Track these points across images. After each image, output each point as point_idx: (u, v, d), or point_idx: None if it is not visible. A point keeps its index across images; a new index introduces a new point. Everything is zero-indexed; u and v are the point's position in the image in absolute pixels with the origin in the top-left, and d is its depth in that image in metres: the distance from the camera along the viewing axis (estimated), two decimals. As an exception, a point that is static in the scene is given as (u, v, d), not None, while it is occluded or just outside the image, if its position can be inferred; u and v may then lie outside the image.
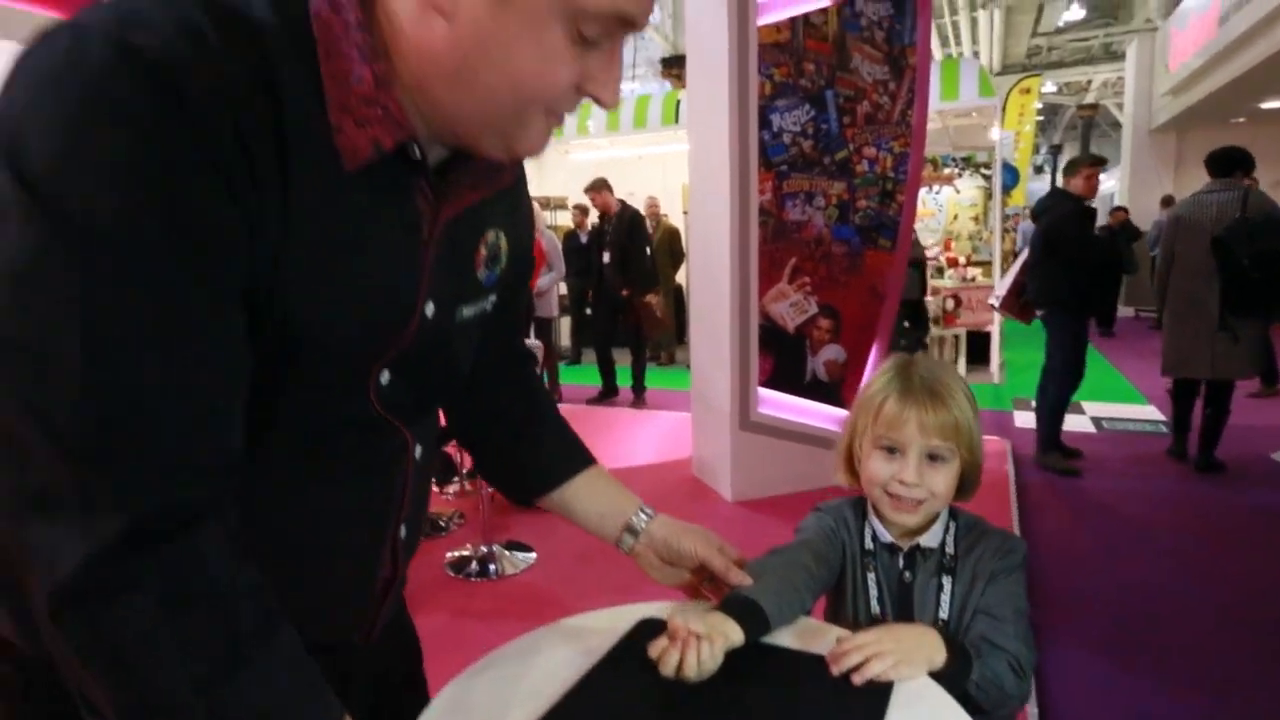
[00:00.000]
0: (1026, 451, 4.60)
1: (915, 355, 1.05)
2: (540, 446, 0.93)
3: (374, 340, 0.63)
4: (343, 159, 0.55)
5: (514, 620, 2.63)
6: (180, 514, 0.50)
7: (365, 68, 0.55)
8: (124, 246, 0.47)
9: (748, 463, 3.76)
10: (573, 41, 0.55)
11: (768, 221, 3.72)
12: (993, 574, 0.97)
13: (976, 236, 11.28)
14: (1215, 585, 2.92)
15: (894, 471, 0.98)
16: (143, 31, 0.47)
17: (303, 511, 0.66)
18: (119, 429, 0.48)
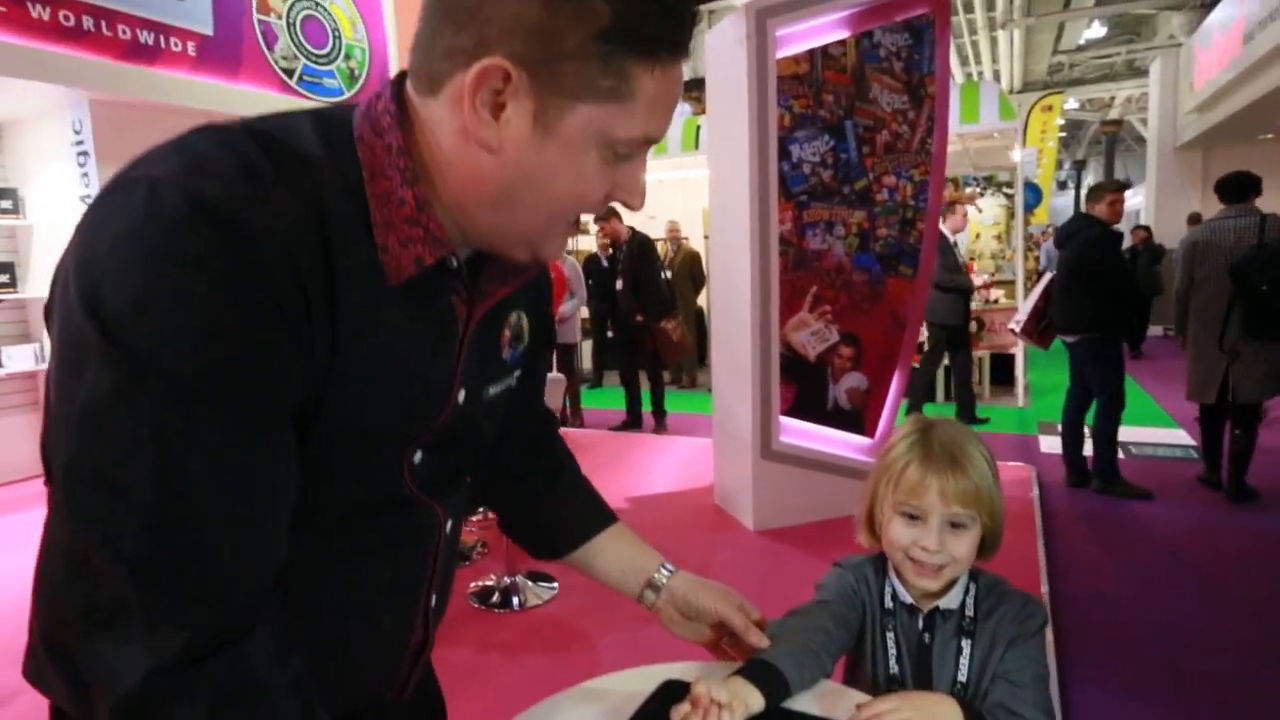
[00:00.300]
0: (1052, 478, 4.55)
1: (935, 419, 1.05)
2: (561, 507, 0.97)
3: (410, 431, 0.67)
4: (387, 274, 0.60)
5: (538, 654, 2.65)
6: (234, 629, 0.54)
7: (407, 190, 0.60)
8: (192, 388, 0.51)
9: (769, 492, 3.75)
10: (605, 162, 0.60)
11: (788, 251, 3.74)
12: (1012, 639, 0.98)
13: (999, 255, 11.21)
14: (1249, 621, 2.87)
15: (915, 537, 0.98)
16: (210, 179, 0.52)
17: (339, 585, 0.69)
18: (183, 555, 0.52)
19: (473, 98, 0.56)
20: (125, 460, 0.50)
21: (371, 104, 0.62)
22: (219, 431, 0.52)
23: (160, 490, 0.51)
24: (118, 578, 0.51)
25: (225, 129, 0.57)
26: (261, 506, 0.55)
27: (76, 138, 4.63)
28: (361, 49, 6.05)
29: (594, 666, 2.59)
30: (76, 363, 0.51)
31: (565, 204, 0.62)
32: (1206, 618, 2.90)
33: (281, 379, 0.55)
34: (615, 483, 4.57)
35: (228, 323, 0.51)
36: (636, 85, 0.57)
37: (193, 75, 4.84)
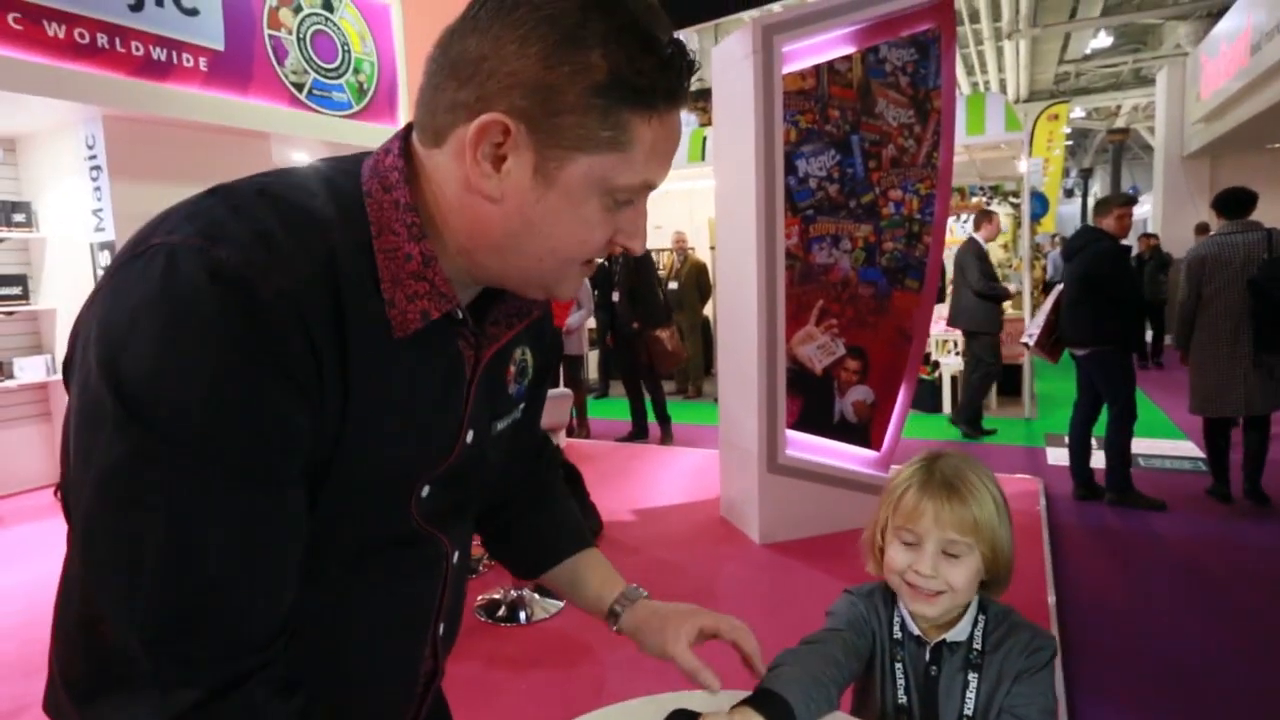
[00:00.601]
0: (1059, 490, 4.54)
1: (943, 452, 1.07)
2: (539, 529, 0.98)
3: (420, 474, 0.69)
4: (393, 328, 0.61)
5: (545, 669, 2.66)
6: (243, 678, 0.55)
7: (414, 245, 0.61)
8: (204, 456, 0.52)
9: (776, 505, 3.76)
10: (606, 209, 0.62)
11: (794, 265, 3.75)
12: (1020, 672, 0.98)
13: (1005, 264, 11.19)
14: (1260, 637, 2.86)
15: (911, 561, 1.00)
16: (225, 246, 0.54)
17: (350, 620, 0.70)
18: (194, 621, 0.53)
19: (474, 150, 0.58)
20: (138, 527, 0.52)
21: (380, 159, 0.64)
22: (230, 497, 0.54)
23: (172, 558, 0.52)
24: (130, 643, 0.53)
25: (238, 191, 0.59)
26: (273, 564, 0.57)
27: (89, 153, 4.68)
28: (370, 63, 6.10)
29: (600, 680, 2.60)
30: (93, 427, 0.52)
31: (569, 250, 0.63)
32: (1216, 633, 2.89)
33: (292, 441, 0.56)
34: (621, 494, 4.58)
35: (239, 391, 0.53)
36: (634, 135, 0.59)
37: (204, 90, 4.89)
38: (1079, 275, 4.07)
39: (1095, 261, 4.01)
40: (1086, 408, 4.32)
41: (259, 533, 0.55)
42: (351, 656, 0.71)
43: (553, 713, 2.39)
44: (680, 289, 7.56)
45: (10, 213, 4.84)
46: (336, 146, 5.98)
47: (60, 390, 5.06)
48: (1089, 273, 4.02)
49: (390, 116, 6.32)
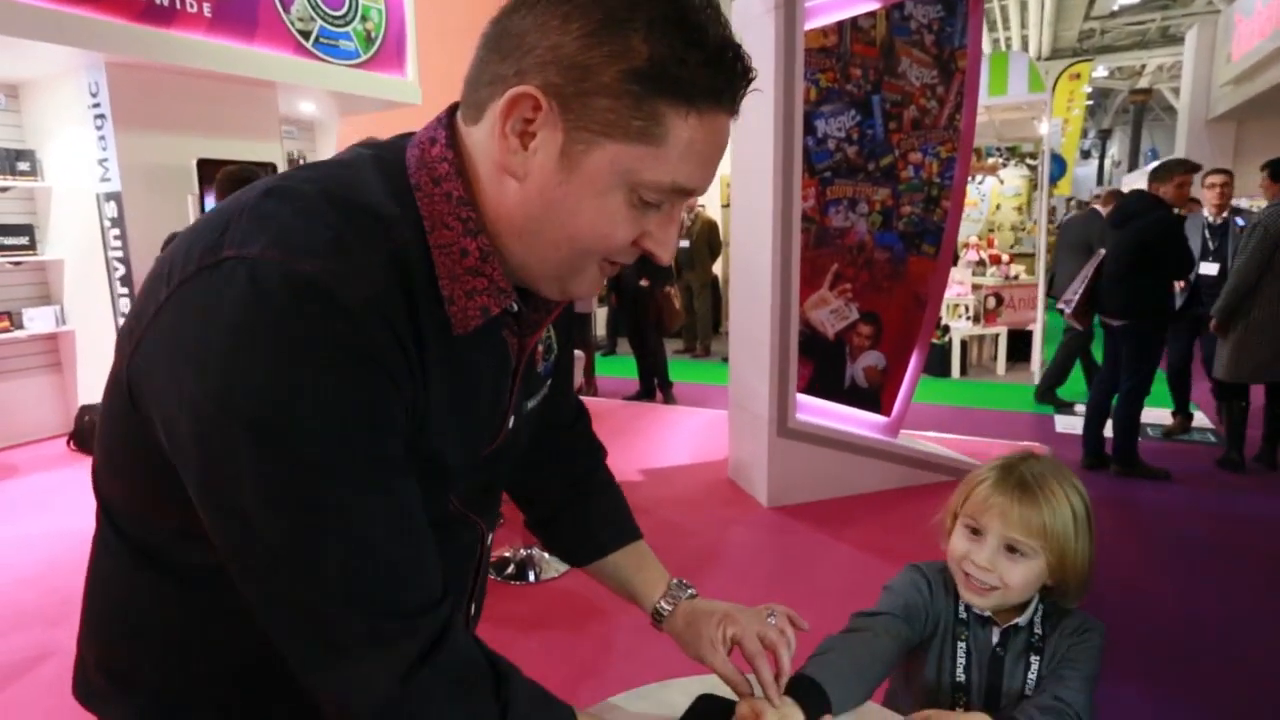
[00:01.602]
0: (1066, 458, 4.54)
1: (1036, 454, 1.05)
2: (589, 515, 0.97)
3: (471, 462, 0.69)
4: (453, 324, 0.61)
5: (555, 627, 2.69)
6: (443, 626, 0.61)
7: (471, 241, 0.60)
8: (342, 462, 0.54)
9: (785, 469, 3.77)
10: (632, 206, 0.60)
11: (810, 228, 3.70)
12: (1071, 645, 1.02)
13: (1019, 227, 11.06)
14: (1268, 606, 2.87)
15: (969, 551, 1.01)
16: (306, 258, 0.53)
17: None
18: (387, 586, 0.58)
19: (503, 123, 0.57)
20: (311, 534, 0.55)
21: (425, 149, 0.62)
22: (372, 488, 0.56)
23: (346, 547, 0.56)
24: (344, 619, 0.56)
25: (301, 195, 0.57)
26: (421, 530, 0.61)
27: (93, 100, 4.59)
28: (379, 10, 5.95)
29: (609, 639, 2.63)
30: (223, 459, 0.53)
31: (588, 242, 0.61)
32: (1223, 603, 2.91)
33: (401, 432, 0.59)
34: (629, 454, 4.60)
35: (359, 396, 0.54)
36: (669, 129, 0.57)
37: (208, 37, 4.78)
38: (1132, 245, 3.87)
39: (1150, 232, 3.84)
40: (1109, 379, 4.24)
41: (405, 510, 0.59)
42: None
43: (563, 671, 2.43)
44: (691, 247, 7.49)
45: (15, 161, 4.77)
46: (344, 97, 5.87)
47: (69, 340, 5.07)
48: (1144, 242, 3.84)
49: (399, 67, 6.18)
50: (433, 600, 0.60)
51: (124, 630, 0.67)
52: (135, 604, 0.66)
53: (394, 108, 6.28)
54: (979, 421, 5.40)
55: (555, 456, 0.95)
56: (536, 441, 0.90)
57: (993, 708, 1.03)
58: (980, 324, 6.94)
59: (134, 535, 0.65)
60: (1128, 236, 3.92)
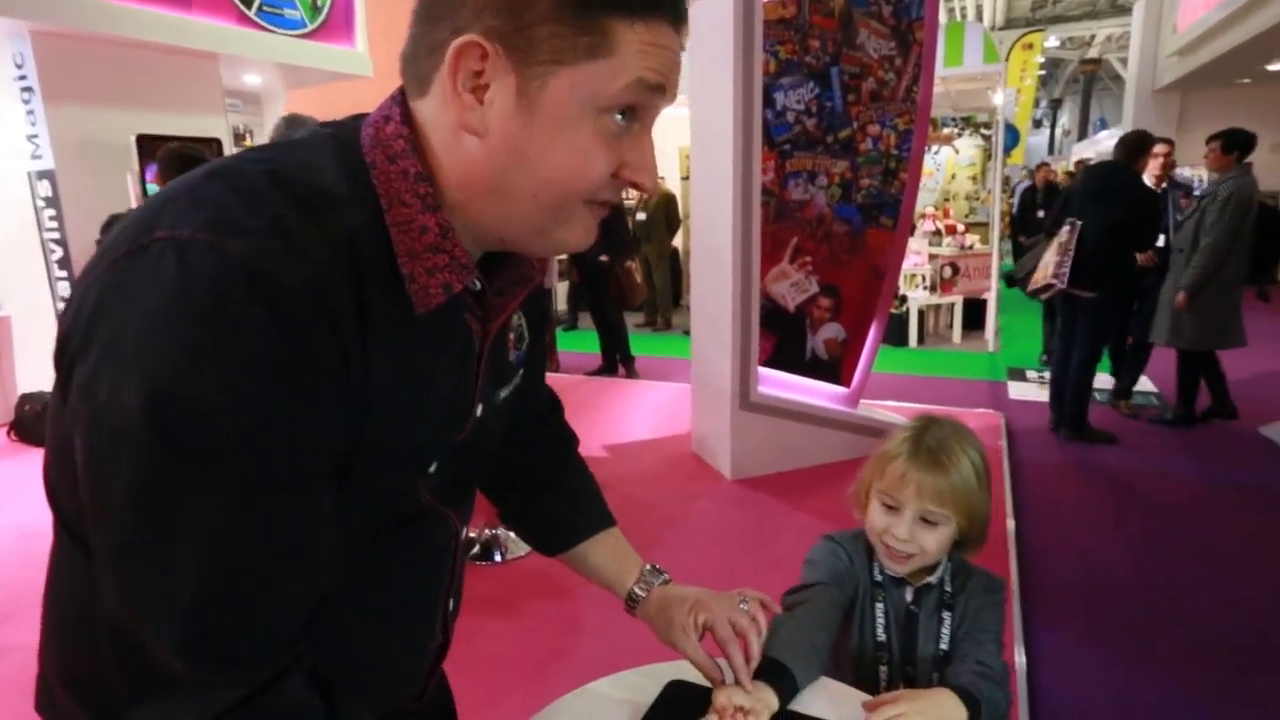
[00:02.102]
0: (1020, 424, 4.66)
1: (935, 419, 1.10)
2: (561, 503, 0.96)
3: (434, 452, 0.67)
4: (414, 304, 0.58)
5: (523, 607, 2.69)
6: (281, 673, 0.55)
7: (430, 217, 0.58)
8: (238, 463, 0.50)
9: (747, 441, 3.80)
10: (603, 134, 0.58)
11: (770, 201, 3.69)
12: (980, 606, 1.09)
13: (974, 197, 11.22)
14: (1207, 565, 3.00)
15: (889, 525, 1.06)
16: (239, 239, 0.49)
17: (363, 604, 0.69)
18: (233, 626, 0.52)
19: (453, 82, 0.55)
20: (177, 545, 0.50)
21: (379, 127, 0.60)
22: (268, 508, 0.52)
23: (212, 571, 0.51)
24: (169, 650, 0.51)
25: (244, 175, 0.54)
26: (309, 564, 0.56)
27: (19, 73, 4.36)
28: (324, -24, 5.74)
29: (577, 617, 2.65)
30: (116, 443, 0.49)
31: (567, 183, 0.58)
32: (1165, 563, 3.03)
33: (325, 443, 0.55)
34: (592, 429, 4.59)
35: (271, 403, 0.50)
36: (618, 38, 0.55)
37: (144, 5, 4.56)
38: (1114, 223, 3.89)
39: (1133, 211, 3.92)
40: (1064, 346, 4.36)
41: (296, 537, 0.54)
42: (365, 641, 0.70)
43: (532, 650, 2.44)
44: (649, 220, 7.45)
45: (-62, 136, 4.53)
46: (290, 69, 5.67)
47: (5, 327, 4.86)
48: (1123, 222, 3.89)
49: (347, 37, 5.99)
50: (278, 646, 0.55)
51: (82, 635, 0.63)
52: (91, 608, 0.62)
53: (343, 79, 6.09)
54: (936, 390, 5.50)
55: (528, 448, 0.94)
56: (510, 433, 0.88)
57: (910, 662, 1.10)
58: (937, 293, 7.05)
59: (81, 533, 0.61)
60: (1111, 214, 3.91)
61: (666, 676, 0.89)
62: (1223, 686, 2.29)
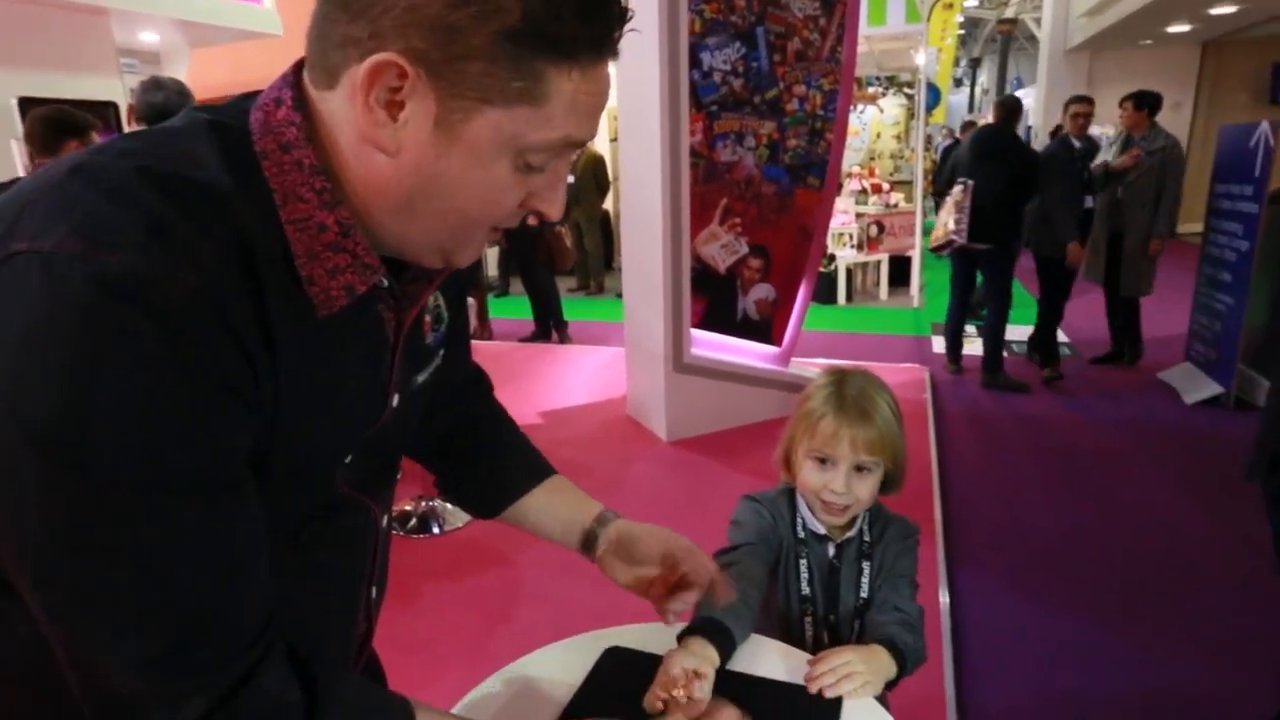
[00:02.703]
0: (944, 376, 4.84)
1: (847, 371, 1.14)
2: (496, 461, 0.94)
3: (349, 444, 0.65)
4: (316, 307, 0.55)
5: (463, 577, 2.68)
6: (250, 672, 0.53)
7: (328, 214, 0.55)
8: (152, 485, 0.47)
9: (682, 403, 3.84)
10: (518, 170, 0.56)
11: (698, 163, 3.69)
12: (897, 554, 1.14)
13: (899, 156, 11.45)
14: (1114, 508, 3.20)
15: (825, 481, 1.09)
16: (114, 251, 0.45)
17: (281, 595, 0.67)
18: (187, 638, 0.51)
19: (366, 95, 0.51)
20: (105, 573, 0.48)
21: (270, 112, 0.55)
22: (187, 517, 0.49)
23: (149, 591, 0.49)
24: (130, 672, 0.49)
25: (110, 171, 0.49)
26: (246, 562, 0.54)
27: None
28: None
29: (517, 584, 2.66)
30: (11, 480, 0.46)
31: (475, 214, 0.57)
32: (1076, 503, 3.22)
33: (235, 445, 0.52)
34: (527, 396, 4.57)
35: (170, 413, 0.47)
36: (552, 87, 0.52)
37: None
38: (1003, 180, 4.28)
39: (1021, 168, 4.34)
40: (965, 298, 4.76)
41: (225, 539, 0.52)
42: (287, 630, 0.68)
43: (474, 620, 2.44)
44: (577, 183, 7.35)
45: None
46: (192, 26, 5.33)
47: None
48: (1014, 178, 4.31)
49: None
50: (237, 649, 0.53)
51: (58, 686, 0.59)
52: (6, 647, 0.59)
53: (251, 38, 5.76)
54: (864, 346, 5.66)
55: (457, 423, 0.92)
56: (437, 411, 0.86)
57: (833, 611, 1.15)
58: (864, 252, 7.21)
59: None
60: (1000, 170, 4.30)
61: (604, 643, 0.90)
62: (1123, 616, 2.46)
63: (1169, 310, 5.66)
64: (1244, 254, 4.05)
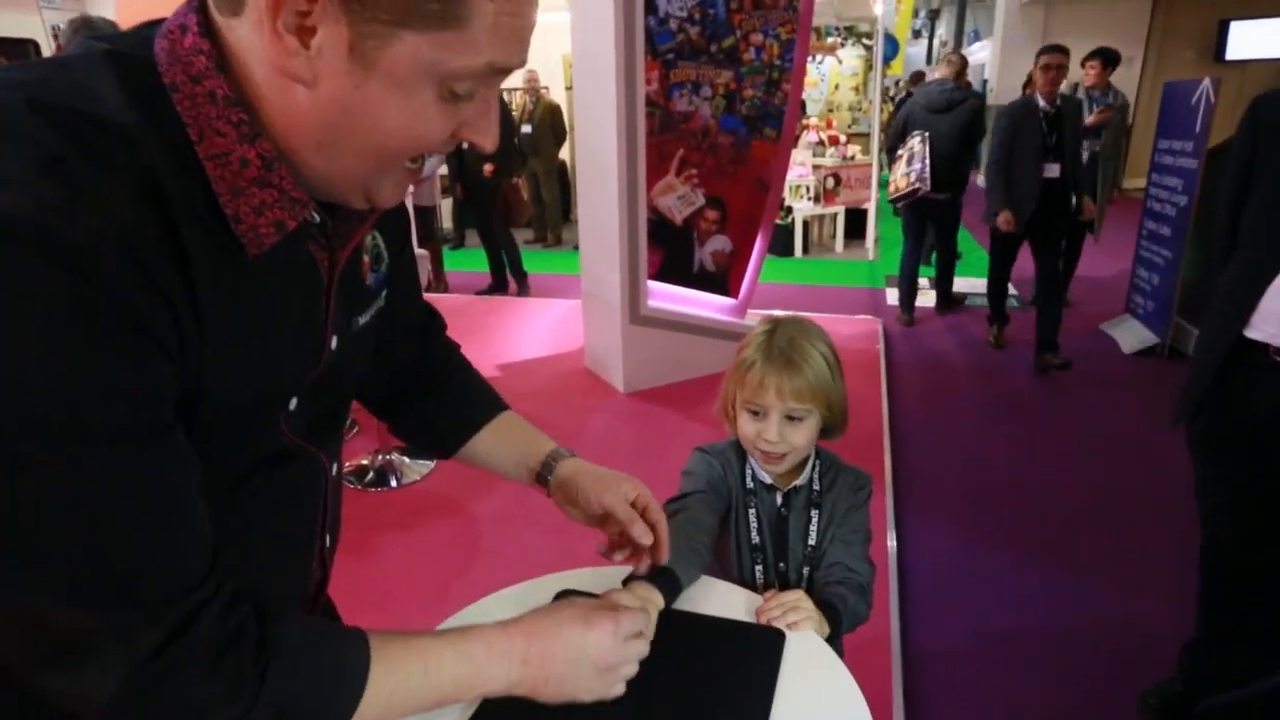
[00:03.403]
0: (896, 329, 4.94)
1: (780, 320, 1.14)
2: (448, 398, 0.94)
3: (287, 389, 0.64)
4: (246, 248, 0.53)
5: (421, 529, 2.70)
6: (196, 613, 0.53)
7: (248, 148, 0.52)
8: (70, 438, 0.46)
9: (639, 355, 3.86)
10: (444, 99, 0.54)
11: (655, 113, 3.64)
12: (848, 508, 1.15)
13: (856, 108, 11.44)
14: (1055, 457, 3.33)
15: (759, 430, 1.10)
16: (6, 189, 0.43)
17: (234, 544, 0.66)
18: (128, 579, 0.50)
19: (273, 21, 0.48)
20: (31, 524, 0.47)
21: (176, 40, 0.52)
22: (113, 465, 0.48)
23: (78, 535, 0.48)
24: (71, 619, 0.49)
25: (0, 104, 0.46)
26: (180, 505, 0.53)
27: None
28: None
29: (475, 536, 2.68)
30: None
31: (399, 146, 0.55)
32: (1020, 450, 3.35)
33: (156, 391, 0.50)
34: (484, 349, 4.54)
35: (81, 358, 0.45)
36: (472, 9, 0.50)
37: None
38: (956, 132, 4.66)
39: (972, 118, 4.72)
40: (918, 249, 5.09)
41: (154, 486, 0.51)
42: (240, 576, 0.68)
43: (432, 571, 2.46)
44: (534, 133, 7.21)
45: None
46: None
47: None
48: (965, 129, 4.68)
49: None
50: (183, 585, 0.53)
51: None
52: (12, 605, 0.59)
53: (184, -28, 5.45)
54: (819, 298, 5.73)
55: (407, 362, 0.91)
56: (388, 351, 0.85)
57: (782, 559, 1.17)
58: (820, 204, 7.24)
59: None
60: (954, 121, 4.66)
61: (555, 587, 0.92)
62: (1061, 558, 2.59)
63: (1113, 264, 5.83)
64: (1183, 209, 4.17)
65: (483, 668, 0.69)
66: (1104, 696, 1.99)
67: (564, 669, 0.71)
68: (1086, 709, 1.96)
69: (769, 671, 0.82)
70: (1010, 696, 2.00)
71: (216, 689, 0.54)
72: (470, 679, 0.69)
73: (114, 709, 0.51)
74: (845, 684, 0.81)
